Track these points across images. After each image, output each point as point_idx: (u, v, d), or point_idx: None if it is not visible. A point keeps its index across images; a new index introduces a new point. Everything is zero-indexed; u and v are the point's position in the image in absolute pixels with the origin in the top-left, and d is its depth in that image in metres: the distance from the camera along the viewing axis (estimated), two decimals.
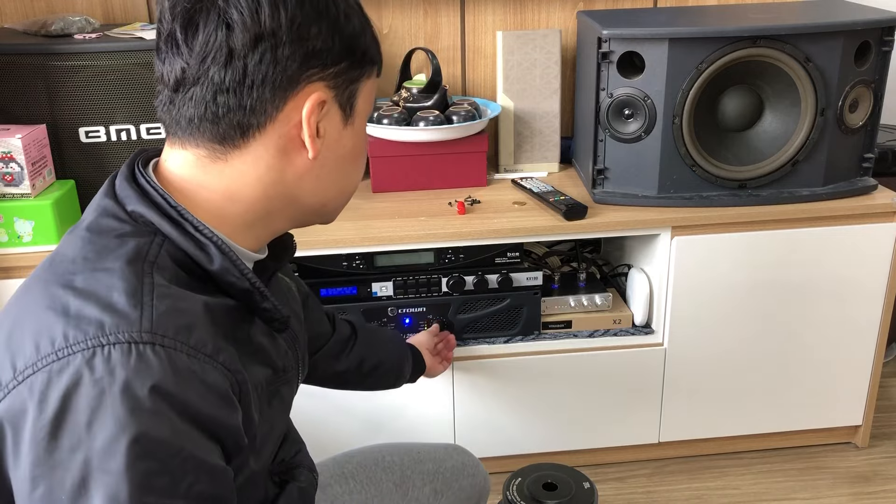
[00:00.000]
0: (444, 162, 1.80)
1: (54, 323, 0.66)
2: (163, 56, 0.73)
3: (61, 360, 0.64)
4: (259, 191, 0.76)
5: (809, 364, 1.79)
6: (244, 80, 0.71)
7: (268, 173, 0.76)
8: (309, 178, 0.78)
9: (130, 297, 0.67)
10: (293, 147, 0.76)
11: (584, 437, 1.80)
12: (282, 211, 0.79)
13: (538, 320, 1.73)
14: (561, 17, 1.97)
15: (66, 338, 0.64)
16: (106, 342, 0.64)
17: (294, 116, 0.74)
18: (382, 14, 1.93)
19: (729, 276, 1.69)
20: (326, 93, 0.75)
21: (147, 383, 0.63)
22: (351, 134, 0.80)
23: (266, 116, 0.73)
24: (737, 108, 1.64)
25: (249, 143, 0.74)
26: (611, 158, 1.68)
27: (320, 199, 0.81)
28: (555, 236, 1.67)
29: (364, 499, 1.13)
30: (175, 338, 0.66)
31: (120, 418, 0.62)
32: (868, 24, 1.59)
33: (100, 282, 0.68)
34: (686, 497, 1.78)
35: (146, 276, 0.69)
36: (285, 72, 0.72)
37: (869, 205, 1.67)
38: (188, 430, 0.65)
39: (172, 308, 0.67)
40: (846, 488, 1.79)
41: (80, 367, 0.63)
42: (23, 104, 1.59)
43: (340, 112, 0.78)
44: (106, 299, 0.66)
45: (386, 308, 1.68)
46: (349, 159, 0.81)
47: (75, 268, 0.70)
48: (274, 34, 0.70)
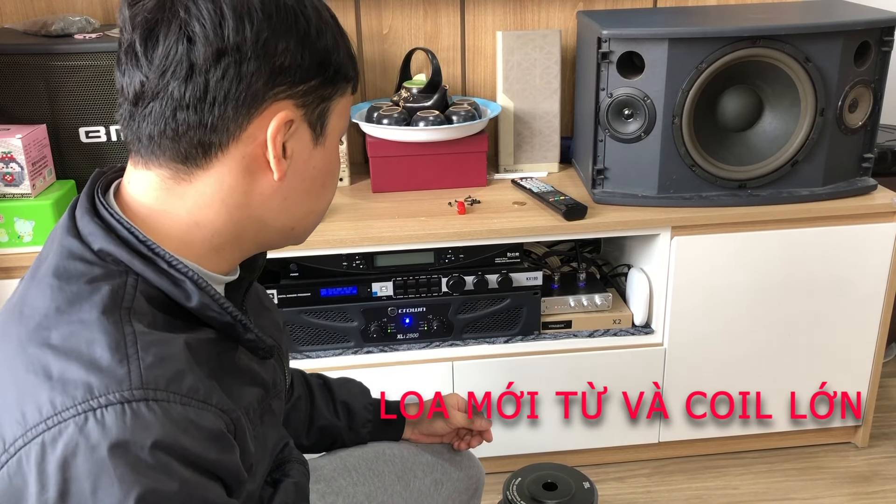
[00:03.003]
0: (444, 162, 1.80)
1: (38, 388, 0.63)
2: (123, 68, 0.70)
3: (52, 430, 0.61)
4: (224, 214, 0.73)
5: (809, 364, 1.79)
6: (205, 97, 0.68)
7: (232, 195, 0.72)
8: (275, 200, 0.74)
9: (114, 352, 0.64)
10: (258, 168, 0.72)
11: (584, 437, 1.80)
12: (250, 234, 0.76)
13: (538, 320, 1.73)
14: (561, 17, 1.97)
15: (53, 405, 0.61)
16: (97, 405, 0.61)
17: (259, 136, 0.71)
18: (382, 14, 1.93)
19: (729, 276, 1.69)
20: (294, 111, 0.71)
21: (147, 441, 0.61)
22: (322, 154, 0.76)
23: (228, 135, 0.70)
24: (736, 108, 1.64)
25: (212, 162, 0.71)
26: (611, 158, 1.68)
27: (288, 221, 0.77)
28: (555, 236, 1.67)
29: (368, 491, 1.13)
30: (167, 389, 0.64)
31: (124, 480, 0.60)
32: (868, 24, 1.59)
33: (78, 337, 0.65)
34: (686, 497, 1.78)
35: (126, 325, 0.66)
36: (249, 89, 0.68)
37: (869, 205, 1.67)
38: (194, 478, 0.64)
39: (159, 358, 0.65)
40: (846, 488, 1.79)
41: (74, 435, 0.60)
42: (23, 104, 1.59)
43: (310, 131, 0.74)
44: (88, 357, 0.63)
45: (386, 308, 1.68)
46: (319, 181, 0.77)
47: (49, 322, 0.66)
48: (238, 49, 0.67)
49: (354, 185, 1.87)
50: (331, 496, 1.11)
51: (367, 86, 1.99)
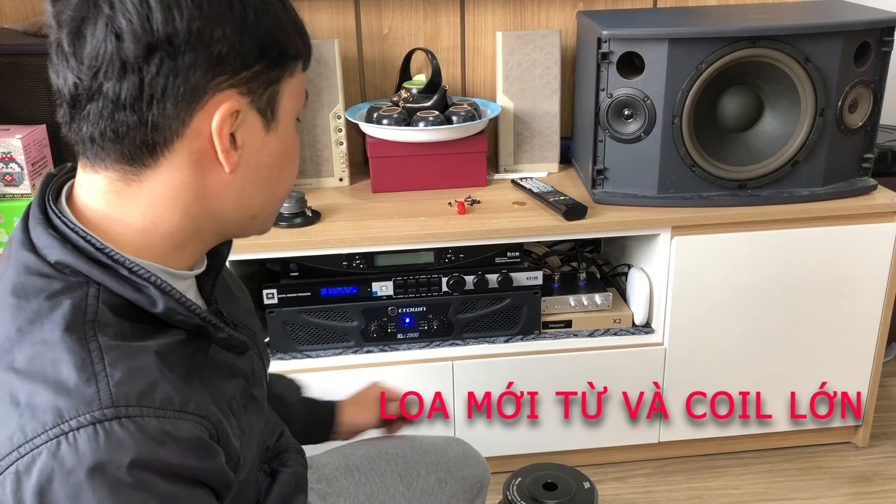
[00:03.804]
0: (444, 162, 1.80)
1: (7, 416, 0.61)
2: (55, 68, 0.67)
3: (25, 458, 0.59)
4: (180, 212, 0.70)
5: (809, 364, 1.79)
6: (141, 95, 0.65)
7: (185, 192, 0.70)
8: (231, 192, 0.72)
9: (80, 371, 0.61)
10: (208, 162, 0.69)
11: (584, 437, 1.80)
12: (210, 227, 0.74)
13: (538, 320, 1.73)
14: (561, 18, 1.97)
15: (23, 432, 0.59)
16: (68, 429, 0.59)
17: (204, 129, 0.67)
18: (382, 14, 1.93)
19: (729, 276, 1.69)
20: (240, 100, 0.68)
21: (123, 461, 0.59)
22: (275, 139, 0.73)
23: (172, 132, 0.67)
24: (737, 109, 1.64)
25: (160, 161, 0.68)
26: (610, 158, 1.68)
27: (247, 211, 0.75)
28: (555, 236, 1.67)
29: (370, 491, 1.13)
30: (140, 404, 0.62)
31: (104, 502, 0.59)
32: (868, 25, 1.59)
33: (43, 358, 0.62)
34: (686, 497, 1.78)
35: (91, 341, 0.64)
36: (187, 82, 0.65)
37: (869, 205, 1.67)
38: (176, 490, 0.63)
39: (128, 371, 0.63)
40: (846, 488, 1.79)
41: (48, 461, 0.59)
42: (23, 104, 1.59)
43: (260, 118, 0.71)
44: (55, 379, 0.61)
45: (386, 308, 1.68)
46: (276, 167, 0.74)
47: (11, 345, 0.64)
48: (170, 42, 0.63)
49: (354, 185, 1.87)
50: (332, 497, 1.11)
51: (367, 86, 1.99)
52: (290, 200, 1.62)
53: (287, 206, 1.62)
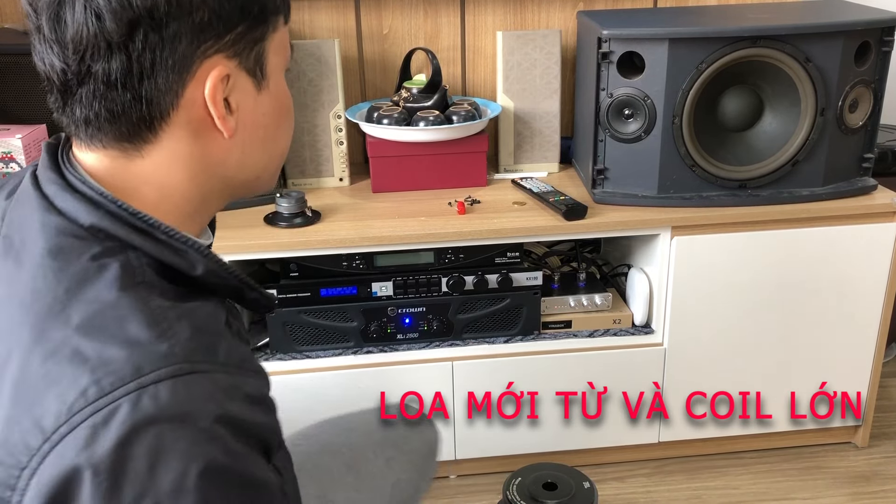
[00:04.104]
0: (444, 162, 1.80)
1: (75, 372, 0.59)
2: (40, 55, 0.67)
3: (103, 411, 0.58)
4: (187, 181, 0.71)
5: (809, 364, 1.79)
6: (131, 72, 0.65)
7: (188, 162, 0.70)
8: (234, 156, 0.73)
9: (149, 329, 0.61)
10: (206, 130, 0.70)
11: (584, 437, 1.80)
12: (217, 193, 0.75)
13: (538, 320, 1.73)
14: (561, 17, 1.97)
15: (99, 386, 0.59)
16: (148, 381, 0.59)
17: (198, 98, 0.68)
18: (382, 14, 1.93)
19: (729, 276, 1.69)
20: (228, 64, 0.68)
21: (202, 413, 0.59)
22: (268, 97, 0.74)
23: (167, 105, 0.67)
24: (737, 108, 1.64)
25: (159, 135, 0.69)
26: (611, 158, 1.68)
27: (251, 172, 0.76)
28: (555, 236, 1.67)
29: (319, 491, 1.10)
30: (208, 360, 0.63)
31: (185, 454, 0.58)
32: (868, 25, 1.59)
33: (105, 316, 0.62)
34: (686, 497, 1.78)
35: (150, 300, 0.64)
36: (174, 53, 0.65)
37: (869, 205, 1.67)
38: (246, 451, 0.62)
39: (192, 329, 0.64)
40: (846, 488, 1.79)
41: (129, 414, 0.58)
42: (23, 104, 1.59)
43: (250, 79, 0.71)
44: (124, 336, 0.61)
45: (386, 308, 1.68)
46: (273, 125, 0.76)
47: (62, 305, 0.63)
48: (150, 15, 0.63)
49: (354, 185, 1.87)
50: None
51: (367, 86, 1.99)
52: (290, 200, 1.62)
53: (287, 206, 1.62)
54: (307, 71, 1.76)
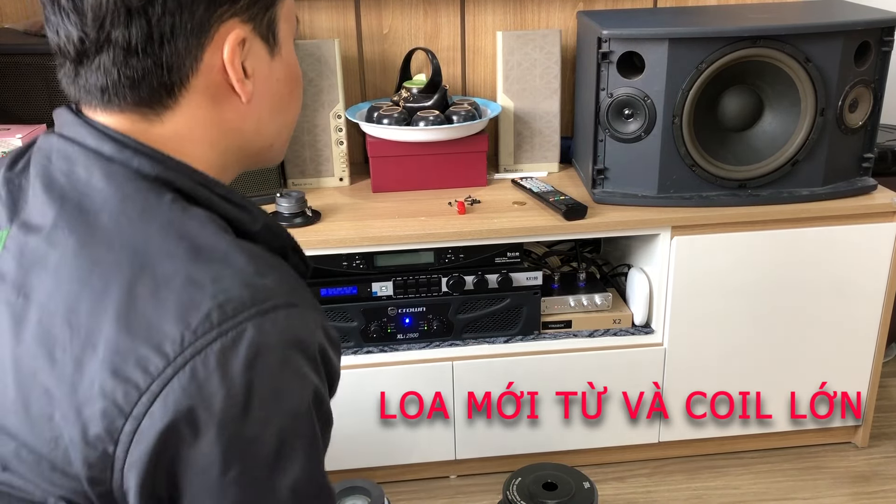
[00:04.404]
0: (444, 162, 1.80)
1: (194, 297, 0.60)
2: (54, 26, 0.66)
3: (230, 333, 0.59)
4: (207, 148, 0.72)
5: (809, 364, 1.79)
6: (152, 37, 0.65)
7: (208, 128, 0.71)
8: (250, 122, 0.74)
9: (252, 264, 0.63)
10: (224, 95, 0.71)
11: (584, 437, 1.80)
12: (233, 161, 0.75)
13: (538, 320, 1.73)
14: (561, 17, 1.97)
15: (222, 310, 0.60)
16: (269, 307, 0.61)
17: (216, 63, 0.68)
18: (382, 14, 1.93)
19: (729, 276, 1.69)
20: (244, 28, 0.69)
21: (310, 341, 0.64)
22: (280, 64, 0.75)
23: (186, 70, 0.67)
24: (737, 108, 1.64)
25: (179, 101, 0.69)
26: (611, 158, 1.68)
27: (266, 140, 0.77)
28: (555, 236, 1.67)
29: None
30: (301, 298, 0.65)
31: (302, 377, 0.62)
32: (868, 24, 1.59)
33: (210, 250, 0.63)
34: (686, 497, 1.78)
35: (240, 242, 0.66)
36: (193, 17, 0.65)
37: (869, 205, 1.67)
38: (327, 387, 0.67)
39: (282, 270, 0.67)
40: (846, 488, 1.79)
41: (255, 336, 0.60)
42: (23, 104, 1.59)
43: (264, 45, 0.72)
44: (233, 267, 0.63)
45: (386, 308, 1.68)
46: (286, 91, 0.76)
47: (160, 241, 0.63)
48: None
49: (354, 185, 1.87)
50: None
51: (367, 85, 1.99)
52: (290, 200, 1.62)
53: (287, 206, 1.62)
54: (307, 71, 1.76)
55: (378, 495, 1.53)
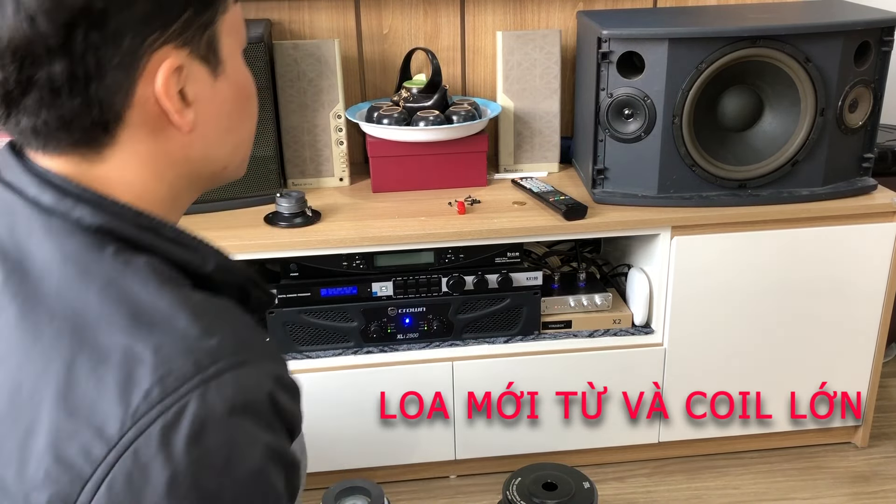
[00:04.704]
0: (444, 162, 1.80)
1: (133, 374, 0.57)
2: None
3: (171, 410, 0.56)
4: (154, 181, 0.68)
5: (809, 364, 1.79)
6: (76, 75, 0.60)
7: (153, 161, 0.67)
8: (197, 149, 0.69)
9: (197, 323, 0.60)
10: (164, 126, 0.66)
11: (584, 437, 1.80)
12: (185, 189, 0.72)
13: (538, 320, 1.73)
14: (561, 17, 1.97)
15: (162, 385, 0.57)
16: (209, 376, 0.58)
17: (151, 94, 0.64)
18: (382, 14, 1.93)
19: (729, 275, 1.69)
20: (178, 54, 0.64)
21: (260, 401, 0.60)
22: (226, 83, 0.70)
23: (120, 106, 0.63)
24: (737, 108, 1.64)
25: (117, 138, 0.65)
26: (611, 158, 1.68)
27: (219, 164, 0.73)
28: (555, 236, 1.67)
29: None
30: (252, 351, 0.62)
31: (253, 443, 0.59)
32: (868, 24, 1.59)
33: (150, 314, 0.60)
34: (686, 497, 1.78)
35: (188, 294, 0.62)
36: (119, 50, 0.61)
37: (869, 205, 1.67)
38: (286, 436, 0.64)
39: (233, 322, 0.63)
40: (846, 488, 1.79)
41: (198, 409, 0.57)
42: None
43: (204, 66, 0.67)
44: (175, 332, 0.59)
45: (386, 308, 1.68)
46: (235, 111, 0.72)
47: (99, 308, 0.60)
48: (87, 13, 0.59)
49: (354, 185, 1.87)
50: None
51: (367, 85, 1.99)
52: (291, 200, 1.62)
53: (287, 206, 1.62)
54: (307, 71, 1.76)
55: (378, 495, 1.53)
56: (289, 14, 1.91)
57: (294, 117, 1.80)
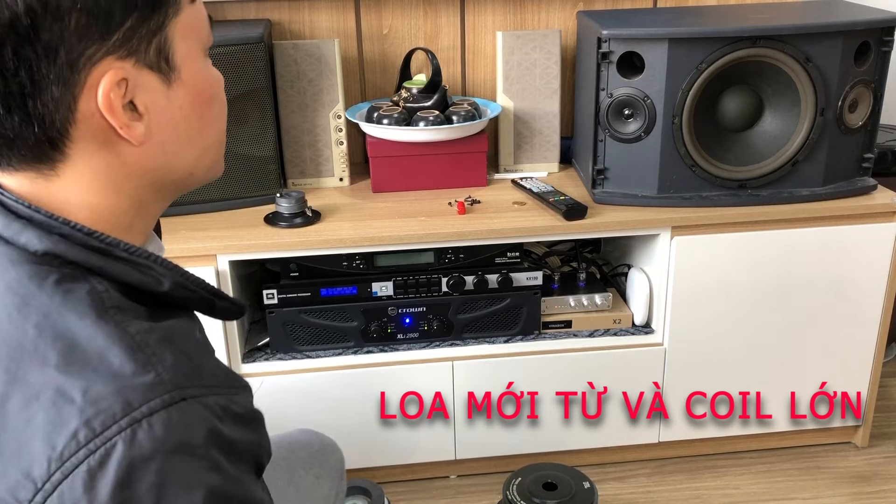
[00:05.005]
0: (444, 162, 1.80)
1: (62, 414, 0.56)
2: None
3: (98, 452, 0.55)
4: (114, 194, 0.65)
5: (809, 364, 1.79)
6: (10, 93, 0.58)
7: (109, 175, 0.64)
8: (155, 158, 0.66)
9: (132, 358, 0.58)
10: (114, 139, 0.63)
11: (584, 437, 1.80)
12: (151, 198, 0.69)
13: (538, 320, 1.73)
14: (561, 17, 1.97)
15: (90, 427, 0.55)
16: (140, 415, 0.56)
17: (94, 109, 0.61)
18: (382, 14, 1.93)
19: (729, 276, 1.69)
20: (121, 66, 0.61)
21: (199, 440, 0.57)
22: (182, 90, 0.66)
23: (62, 122, 0.60)
24: (737, 108, 1.64)
25: (67, 154, 0.62)
26: (611, 158, 1.68)
27: (183, 170, 0.70)
28: (555, 236, 1.67)
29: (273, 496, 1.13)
30: (195, 384, 0.59)
31: (187, 484, 0.56)
32: (868, 25, 1.59)
33: (84, 350, 0.58)
34: (686, 497, 1.78)
35: (126, 326, 0.60)
36: (54, 65, 0.58)
37: (869, 205, 1.67)
38: (241, 472, 0.61)
39: (174, 353, 0.60)
40: (846, 488, 1.79)
41: (126, 452, 0.55)
42: None
43: (155, 74, 0.64)
44: (107, 369, 0.57)
45: (386, 308, 1.68)
46: (194, 116, 0.68)
47: (34, 344, 0.58)
48: (14, 29, 0.56)
49: (354, 185, 1.87)
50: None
51: (367, 85, 1.99)
52: (291, 200, 1.62)
53: (287, 206, 1.62)
54: (307, 71, 1.77)
55: (378, 495, 1.53)
56: (289, 14, 1.91)
57: (294, 117, 1.80)
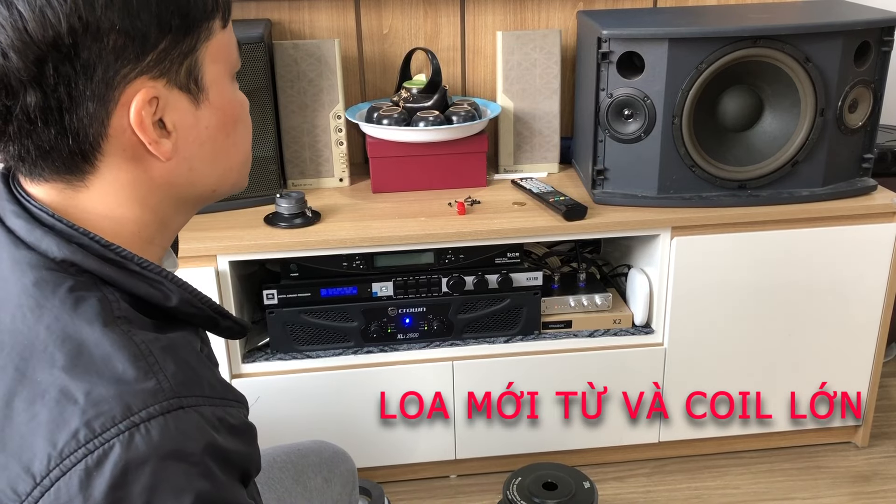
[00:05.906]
0: (444, 162, 1.80)
1: (64, 414, 0.58)
2: None
3: (96, 452, 0.57)
4: (139, 207, 0.69)
5: (809, 364, 1.79)
6: (50, 106, 0.62)
7: (135, 188, 0.68)
8: (181, 175, 0.70)
9: (135, 365, 0.60)
10: (144, 154, 0.67)
11: (584, 437, 1.80)
12: (173, 213, 0.73)
13: (538, 320, 1.73)
14: (561, 17, 1.97)
15: (90, 427, 0.57)
16: (139, 420, 0.58)
17: (126, 125, 0.65)
18: (382, 14, 1.93)
19: (729, 276, 1.69)
20: (154, 85, 0.64)
21: (193, 447, 0.60)
22: (210, 111, 0.70)
23: (96, 136, 0.64)
24: (736, 109, 1.64)
25: (97, 166, 0.66)
26: (610, 159, 1.68)
27: (206, 187, 0.73)
28: (555, 236, 1.67)
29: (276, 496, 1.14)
30: (194, 393, 0.62)
31: (178, 490, 0.58)
32: (868, 24, 1.59)
33: (90, 354, 0.61)
34: (686, 497, 1.78)
35: (132, 335, 0.62)
36: (91, 83, 0.62)
37: (869, 205, 1.67)
38: (231, 481, 0.63)
39: (176, 363, 0.63)
40: (846, 488, 1.79)
41: (122, 454, 0.57)
42: None
43: (185, 95, 0.67)
44: (111, 374, 0.60)
45: (386, 308, 1.68)
46: (221, 137, 0.71)
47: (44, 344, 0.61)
48: (57, 48, 0.60)
49: (354, 185, 1.87)
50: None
51: (367, 86, 1.99)
52: (290, 201, 1.62)
53: (287, 207, 1.62)
54: (307, 71, 1.77)
55: (378, 495, 1.53)
56: (289, 14, 1.91)
57: (294, 117, 1.80)
